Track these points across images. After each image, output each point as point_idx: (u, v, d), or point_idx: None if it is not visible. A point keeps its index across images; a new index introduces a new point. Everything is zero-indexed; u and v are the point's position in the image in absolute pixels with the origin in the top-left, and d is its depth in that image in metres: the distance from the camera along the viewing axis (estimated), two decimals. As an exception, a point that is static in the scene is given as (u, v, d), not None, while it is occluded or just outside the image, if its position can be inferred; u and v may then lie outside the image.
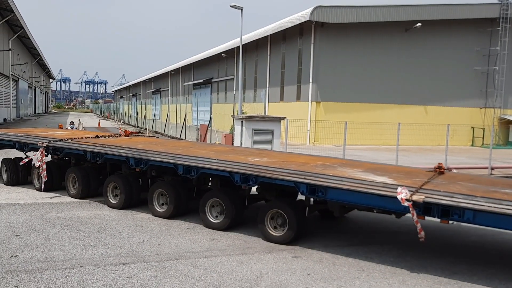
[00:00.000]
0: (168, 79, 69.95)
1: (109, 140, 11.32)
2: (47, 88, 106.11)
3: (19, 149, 11.83)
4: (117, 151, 9.72)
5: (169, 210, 9.15)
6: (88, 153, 10.19)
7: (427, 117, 32.00)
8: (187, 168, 8.58)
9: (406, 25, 31.51)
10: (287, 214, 7.77)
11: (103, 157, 10.00)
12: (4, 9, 39.81)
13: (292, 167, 7.89)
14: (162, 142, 12.57)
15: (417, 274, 6.65)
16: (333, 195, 7.14)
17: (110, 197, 10.05)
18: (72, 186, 10.89)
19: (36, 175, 11.53)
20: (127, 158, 9.45)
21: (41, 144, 10.71)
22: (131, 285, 5.83)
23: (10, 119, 48.34)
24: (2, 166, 12.48)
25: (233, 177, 8.04)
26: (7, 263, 6.45)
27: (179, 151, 9.43)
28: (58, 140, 10.97)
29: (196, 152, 9.61)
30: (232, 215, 8.39)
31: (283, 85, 35.09)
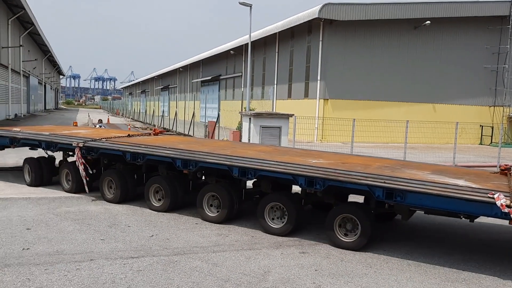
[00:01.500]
0: (176, 76, 70.15)
1: (144, 140, 10.82)
2: (57, 84, 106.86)
3: (46, 148, 11.22)
4: (163, 152, 9.16)
5: (222, 214, 8.66)
6: (128, 153, 9.59)
7: (435, 115, 31.83)
8: (243, 170, 8.16)
9: (415, 22, 31.35)
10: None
11: (145, 158, 9.39)
12: (15, 5, 40.13)
13: (358, 169, 7.57)
14: (199, 141, 12.11)
15: (425, 271, 6.67)
16: (413, 199, 6.82)
17: (153, 201, 9.53)
18: (108, 190, 10.17)
19: (65, 176, 10.99)
20: (174, 159, 8.94)
21: (77, 144, 10.09)
22: (141, 278, 5.91)
23: (21, 114, 48.77)
24: (25, 166, 11.76)
25: (297, 180, 7.63)
26: (19, 255, 6.56)
27: (227, 152, 9.04)
28: (93, 139, 10.28)
29: (243, 152, 9.23)
30: (294, 220, 7.97)
31: (291, 82, 35.08)
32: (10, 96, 42.85)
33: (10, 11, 41.46)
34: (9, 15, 41.19)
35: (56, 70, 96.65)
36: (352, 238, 7.50)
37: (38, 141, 11.32)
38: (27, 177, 11.69)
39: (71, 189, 10.81)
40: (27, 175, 11.69)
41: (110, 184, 10.16)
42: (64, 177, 11.03)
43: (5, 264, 6.20)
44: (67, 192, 10.78)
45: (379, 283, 6.14)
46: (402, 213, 7.80)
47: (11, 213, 8.92)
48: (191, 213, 9.36)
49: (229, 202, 8.59)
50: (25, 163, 11.79)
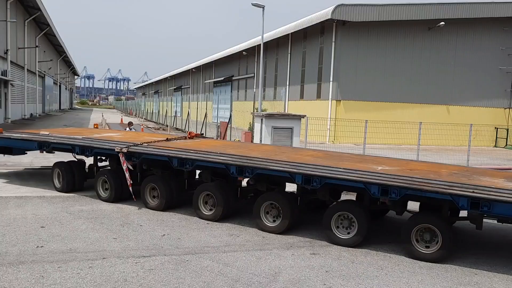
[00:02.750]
0: (189, 76, 70.49)
1: (184, 144, 10.42)
2: (71, 84, 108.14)
3: (80, 153, 10.58)
4: (216, 158, 8.68)
5: (283, 224, 8.19)
6: (175, 159, 9.06)
7: (449, 117, 31.51)
8: (308, 178, 7.71)
9: (429, 23, 31.08)
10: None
11: (194, 164, 8.96)
12: (32, 7, 40.75)
13: (432, 176, 7.34)
14: (241, 145, 11.83)
15: (437, 274, 6.62)
16: (501, 209, 6.57)
17: (202, 209, 9.04)
18: (151, 197, 9.66)
19: (101, 183, 10.24)
20: (228, 165, 8.44)
21: (120, 149, 9.46)
22: (152, 277, 5.96)
23: (36, 114, 49.46)
24: (54, 171, 11.00)
25: (369, 188, 7.30)
26: (33, 253, 6.67)
27: (281, 157, 8.74)
28: (135, 144, 9.78)
29: (299, 158, 8.91)
30: (364, 229, 7.64)
31: (303, 83, 35.03)
32: (26, 96, 43.50)
33: (27, 13, 42.11)
34: (25, 16, 41.84)
35: (71, 71, 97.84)
36: (432, 249, 7.14)
37: (72, 146, 10.60)
38: (56, 183, 10.98)
39: (109, 198, 10.05)
40: (56, 180, 10.97)
41: (152, 191, 9.63)
42: (100, 185, 10.25)
43: (19, 261, 6.30)
44: (104, 201, 10.08)
45: (390, 286, 6.11)
46: (476, 222, 7.45)
47: (25, 211, 9.07)
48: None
49: (291, 212, 8.18)
50: (55, 167, 11.02)
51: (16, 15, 36.98)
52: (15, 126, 32.18)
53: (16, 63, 38.42)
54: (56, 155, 12.56)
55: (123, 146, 9.55)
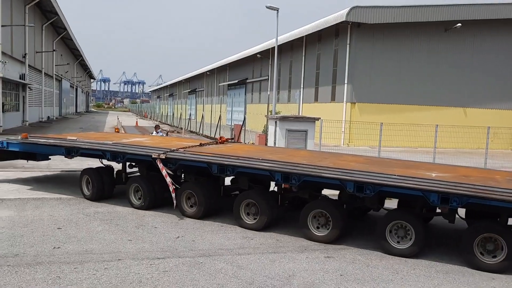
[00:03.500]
0: (203, 79, 70.83)
1: (219, 149, 10.09)
2: (87, 87, 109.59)
3: (111, 159, 10.19)
4: (259, 164, 8.31)
5: (333, 233, 7.88)
6: (214, 165, 8.69)
7: (466, 119, 31.08)
8: (361, 186, 7.37)
9: (445, 25, 30.75)
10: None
11: (236, 171, 8.57)
12: (49, 11, 41.43)
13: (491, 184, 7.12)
14: (277, 150, 11.49)
15: (454, 279, 6.52)
16: None
17: (245, 218, 8.64)
18: (188, 205, 9.30)
19: (133, 190, 9.90)
20: (272, 172, 8.11)
21: (157, 155, 9.01)
22: (166, 279, 5.99)
23: (53, 117, 50.20)
24: (83, 178, 10.59)
25: (428, 196, 6.98)
26: (50, 254, 6.76)
27: (326, 163, 8.45)
28: (172, 150, 9.36)
29: (344, 164, 8.62)
30: (422, 239, 7.36)
31: (317, 85, 34.93)
32: (43, 99, 44.20)
33: (44, 17, 42.84)
34: (43, 20, 42.56)
35: (87, 74, 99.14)
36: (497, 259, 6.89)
37: (103, 151, 10.16)
38: (85, 190, 10.56)
39: (143, 205, 9.70)
40: (85, 188, 10.56)
41: (189, 199, 9.29)
42: (133, 192, 9.91)
43: (37, 262, 6.39)
44: (137, 209, 9.73)
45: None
46: None
47: (42, 212, 9.20)
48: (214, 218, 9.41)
49: (342, 221, 7.89)
50: (83, 174, 10.63)
51: (34, 20, 37.62)
52: (32, 129, 32.71)
53: (34, 66, 39.07)
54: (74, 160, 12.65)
55: (161, 152, 9.15)
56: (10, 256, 6.59)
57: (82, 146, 10.46)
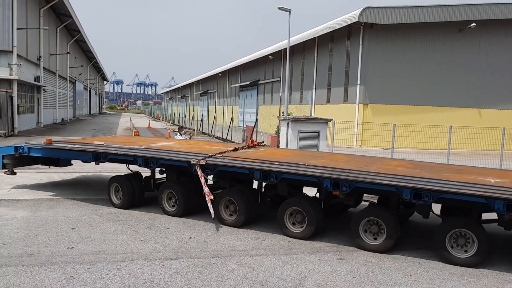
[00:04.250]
0: (215, 81, 71.07)
1: (255, 154, 9.64)
2: (101, 89, 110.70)
3: (143, 165, 9.61)
4: (306, 170, 7.89)
5: (388, 243, 7.53)
6: (256, 171, 8.29)
7: (481, 120, 30.70)
8: (418, 192, 7.06)
9: (459, 25, 30.43)
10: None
11: (280, 177, 8.13)
12: (63, 14, 41.96)
13: None
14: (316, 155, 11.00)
15: (468, 281, 6.43)
16: None
17: (290, 227, 8.26)
18: (226, 213, 8.88)
19: (167, 197, 9.54)
20: (321, 178, 7.73)
21: (197, 161, 8.58)
22: (179, 280, 6.01)
23: (67, 119, 50.80)
24: (112, 185, 10.11)
25: (493, 204, 6.72)
26: (64, 254, 6.82)
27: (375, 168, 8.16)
28: (210, 155, 8.87)
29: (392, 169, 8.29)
30: (486, 248, 7.07)
31: (330, 86, 34.81)
32: (57, 101, 44.76)
33: (59, 20, 43.39)
34: (57, 23, 43.10)
35: (101, 76, 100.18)
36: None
37: (134, 157, 9.65)
38: (114, 198, 10.08)
39: (177, 212, 9.34)
40: (114, 196, 10.09)
41: (228, 206, 8.89)
42: (166, 199, 9.53)
43: (51, 262, 6.46)
44: (172, 216, 9.37)
45: (420, 293, 5.97)
46: None
47: (57, 213, 9.30)
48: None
49: (395, 229, 7.52)
50: (112, 182, 10.14)
51: (48, 23, 38.13)
52: (47, 130, 33.12)
53: (48, 69, 39.58)
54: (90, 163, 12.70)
55: (200, 158, 8.71)
56: (25, 256, 6.67)
57: (112, 152, 9.88)
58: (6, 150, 11.39)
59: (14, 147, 11.08)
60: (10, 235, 7.64)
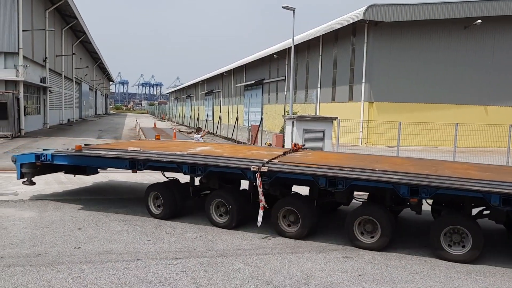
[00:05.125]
0: (220, 80, 71.15)
1: (306, 158, 9.12)
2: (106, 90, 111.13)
3: (189, 173, 8.84)
4: (380, 176, 7.36)
5: (473, 254, 7.10)
6: (322, 178, 7.68)
7: (487, 117, 30.55)
8: (509, 198, 6.70)
9: (465, 22, 30.28)
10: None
11: (349, 184, 7.53)
12: (69, 15, 42.15)
13: None
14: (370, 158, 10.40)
15: (475, 279, 6.41)
16: None
17: (360, 237, 7.68)
18: (285, 223, 8.19)
19: (215, 207, 8.79)
20: (397, 184, 7.21)
21: (257, 168, 7.90)
22: (185, 279, 6.03)
23: (73, 119, 51.04)
24: (151, 194, 9.33)
25: None
26: (71, 254, 6.87)
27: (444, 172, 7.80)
28: (267, 161, 8.19)
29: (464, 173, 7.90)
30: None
31: (334, 85, 34.74)
32: (63, 102, 44.97)
33: (64, 21, 43.59)
34: (62, 25, 43.31)
35: (106, 77, 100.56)
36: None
37: (178, 164, 8.82)
38: (153, 208, 9.31)
39: (229, 224, 8.55)
40: (153, 205, 9.31)
41: (286, 216, 8.22)
42: (214, 209, 8.80)
43: (58, 262, 6.50)
44: (222, 227, 8.61)
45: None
46: None
47: (63, 213, 9.35)
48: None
49: (480, 237, 7.11)
50: (151, 190, 9.37)
51: (54, 24, 38.31)
52: (53, 131, 33.31)
53: (54, 70, 39.77)
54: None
55: (260, 164, 8.02)
56: (32, 256, 6.73)
57: (154, 158, 8.99)
58: (25, 158, 10.49)
59: (35, 155, 10.19)
60: (18, 236, 7.70)
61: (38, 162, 10.17)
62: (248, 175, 8.16)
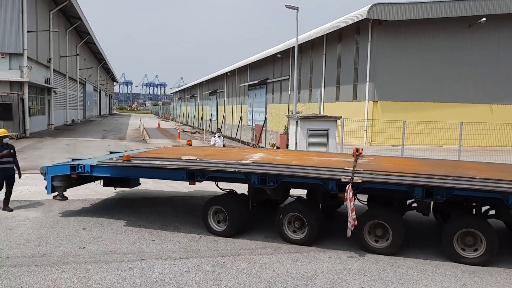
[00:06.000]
0: (224, 80, 71.16)
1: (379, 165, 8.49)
2: (110, 90, 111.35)
3: (260, 183, 7.82)
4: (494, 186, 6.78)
5: None
6: (417, 189, 7.05)
7: (492, 116, 30.39)
8: None
9: (469, 20, 30.13)
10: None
11: (450, 194, 6.93)
12: (73, 16, 42.27)
13: None
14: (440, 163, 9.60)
15: (481, 279, 6.38)
16: None
17: (461, 252, 7.09)
18: (372, 239, 7.49)
19: (287, 221, 7.89)
20: (506, 194, 6.71)
21: (349, 179, 7.09)
22: (189, 279, 6.03)
23: (78, 120, 51.17)
24: (211, 208, 8.33)
25: None
26: (76, 254, 6.89)
27: None
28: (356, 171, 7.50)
29: None
30: None
31: (338, 84, 34.68)
32: (67, 103, 45.10)
33: (68, 22, 43.72)
34: (67, 25, 43.43)
35: (110, 77, 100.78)
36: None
37: (246, 174, 7.84)
38: (214, 224, 8.29)
39: (306, 240, 7.71)
40: (213, 221, 8.30)
41: (371, 230, 7.52)
42: (287, 224, 7.91)
43: (63, 262, 6.53)
44: (299, 244, 7.70)
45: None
46: None
47: (68, 213, 9.39)
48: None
49: None
50: (211, 204, 8.39)
51: (58, 25, 38.43)
52: (58, 132, 33.41)
53: (58, 71, 39.90)
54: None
55: (350, 174, 7.26)
56: (38, 256, 6.75)
57: (224, 169, 7.94)
58: (58, 170, 9.27)
59: (70, 166, 9.00)
60: (23, 236, 7.73)
61: (74, 174, 9.02)
62: (330, 185, 7.37)
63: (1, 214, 9.23)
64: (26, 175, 13.85)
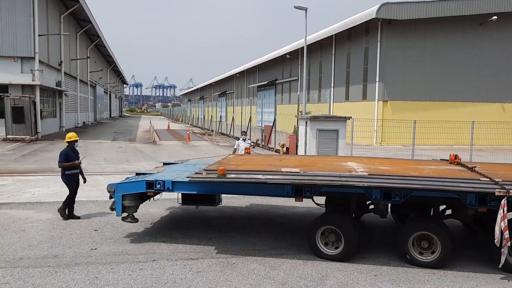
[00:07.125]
0: (233, 81, 71.27)
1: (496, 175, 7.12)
2: (120, 93, 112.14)
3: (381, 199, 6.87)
4: None
5: None
6: None
7: (504, 115, 30.07)
8: None
9: (480, 18, 29.85)
10: None
11: None
12: (83, 20, 42.66)
13: None
14: None
15: (494, 280, 6.31)
16: None
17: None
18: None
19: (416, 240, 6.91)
20: None
21: (505, 193, 6.19)
22: (200, 279, 6.05)
23: (89, 122, 51.62)
24: (319, 230, 7.17)
25: None
26: (88, 255, 6.95)
27: None
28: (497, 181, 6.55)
29: None
30: None
31: (348, 84, 34.55)
32: (78, 105, 45.50)
33: (78, 25, 44.13)
34: (77, 29, 43.84)
35: (120, 80, 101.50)
36: None
37: (366, 188, 6.73)
38: (322, 247, 7.13)
39: (436, 263, 6.73)
40: (321, 243, 7.14)
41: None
42: (415, 244, 6.92)
43: (75, 263, 6.58)
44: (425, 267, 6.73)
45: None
46: None
47: (80, 214, 9.45)
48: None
49: None
50: (322, 223, 7.22)
51: (68, 28, 38.80)
52: (69, 134, 33.65)
53: (69, 74, 40.28)
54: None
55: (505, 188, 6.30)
56: (50, 257, 6.82)
57: (346, 183, 6.77)
58: (130, 187, 7.80)
59: (146, 183, 7.54)
60: (36, 237, 7.82)
61: (150, 192, 7.67)
62: (469, 199, 6.56)
63: (14, 215, 9.35)
64: (38, 177, 14.04)
